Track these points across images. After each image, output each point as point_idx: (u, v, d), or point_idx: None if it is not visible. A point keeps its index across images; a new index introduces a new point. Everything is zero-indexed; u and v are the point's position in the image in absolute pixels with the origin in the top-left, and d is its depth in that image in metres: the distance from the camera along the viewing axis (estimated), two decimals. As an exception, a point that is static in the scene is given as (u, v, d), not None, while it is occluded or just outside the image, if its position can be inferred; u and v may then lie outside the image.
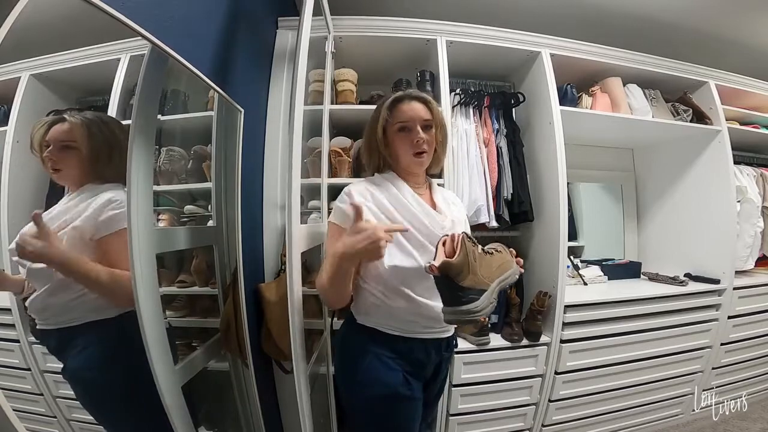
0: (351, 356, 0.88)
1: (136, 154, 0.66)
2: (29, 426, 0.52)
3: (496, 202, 1.50)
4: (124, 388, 0.68)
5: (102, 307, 0.63)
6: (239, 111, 1.07)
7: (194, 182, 1.01)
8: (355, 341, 0.88)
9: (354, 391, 0.86)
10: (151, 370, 0.68)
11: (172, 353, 0.81)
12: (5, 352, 0.57)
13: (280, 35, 1.49)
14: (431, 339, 0.88)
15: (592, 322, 1.52)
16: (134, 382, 0.69)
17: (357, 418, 0.88)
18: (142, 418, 0.73)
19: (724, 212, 1.77)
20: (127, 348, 0.68)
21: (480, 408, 1.44)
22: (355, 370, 0.85)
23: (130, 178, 0.65)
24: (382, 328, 0.86)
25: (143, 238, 0.67)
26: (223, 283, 1.05)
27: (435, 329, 0.87)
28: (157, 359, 0.69)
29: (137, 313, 0.65)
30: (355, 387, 0.85)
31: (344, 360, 0.90)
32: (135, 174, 0.66)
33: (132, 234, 0.65)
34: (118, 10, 0.57)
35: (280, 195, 1.38)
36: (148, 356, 0.67)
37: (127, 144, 0.65)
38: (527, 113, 1.67)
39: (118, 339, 0.67)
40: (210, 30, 0.99)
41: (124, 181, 0.65)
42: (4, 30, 0.43)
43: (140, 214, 0.67)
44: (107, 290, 0.63)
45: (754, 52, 2.20)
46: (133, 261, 0.65)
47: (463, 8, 1.85)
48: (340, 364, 0.92)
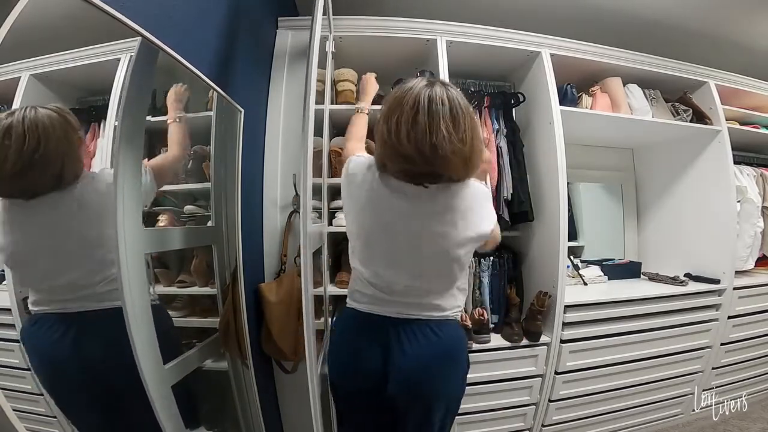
0: (467, 357, 0.93)
1: (124, 155, 0.65)
2: (29, 426, 0.52)
3: (496, 202, 1.50)
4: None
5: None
6: (239, 111, 1.07)
7: (194, 182, 1.01)
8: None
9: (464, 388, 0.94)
10: (138, 368, 0.67)
11: (174, 352, 0.82)
12: (5, 352, 0.57)
13: (280, 35, 1.49)
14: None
15: (592, 322, 1.52)
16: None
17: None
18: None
19: (724, 212, 1.77)
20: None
21: (480, 408, 1.44)
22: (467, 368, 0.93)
23: (117, 178, 0.64)
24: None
25: (130, 238, 0.66)
26: (222, 283, 1.05)
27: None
28: (144, 358, 0.69)
29: (123, 312, 0.65)
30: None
31: (465, 360, 0.92)
32: (122, 174, 0.65)
33: (119, 234, 0.64)
34: (118, 10, 0.57)
35: (280, 195, 1.38)
36: (134, 355, 0.66)
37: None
38: (527, 113, 1.67)
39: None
40: (210, 30, 0.99)
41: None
42: (4, 30, 0.43)
43: (126, 214, 0.66)
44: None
45: (754, 52, 2.21)
46: (119, 260, 0.64)
47: (462, 8, 1.85)
48: (465, 378, 0.93)
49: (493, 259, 1.56)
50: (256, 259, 1.32)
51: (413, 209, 0.81)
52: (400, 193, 0.81)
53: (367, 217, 0.85)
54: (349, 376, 0.89)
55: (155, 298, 0.84)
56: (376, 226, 0.84)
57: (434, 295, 0.86)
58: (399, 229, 0.82)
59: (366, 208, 0.85)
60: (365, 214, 0.85)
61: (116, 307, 0.64)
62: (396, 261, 0.84)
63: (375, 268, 0.86)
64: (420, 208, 0.81)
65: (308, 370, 0.80)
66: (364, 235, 0.87)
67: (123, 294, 0.65)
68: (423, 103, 0.71)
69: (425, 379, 0.83)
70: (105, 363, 0.66)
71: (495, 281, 1.56)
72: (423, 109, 0.71)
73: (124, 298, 0.65)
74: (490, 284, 1.55)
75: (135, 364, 0.67)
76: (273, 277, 1.35)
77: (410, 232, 0.82)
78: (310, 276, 0.81)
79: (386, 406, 0.86)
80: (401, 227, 0.82)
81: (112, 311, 0.64)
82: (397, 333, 0.84)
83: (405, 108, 0.72)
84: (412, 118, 0.71)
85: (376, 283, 0.86)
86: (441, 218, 0.81)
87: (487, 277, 1.54)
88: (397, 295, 0.85)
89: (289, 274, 1.31)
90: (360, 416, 0.94)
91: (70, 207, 0.60)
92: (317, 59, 0.84)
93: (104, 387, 0.67)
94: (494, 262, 1.56)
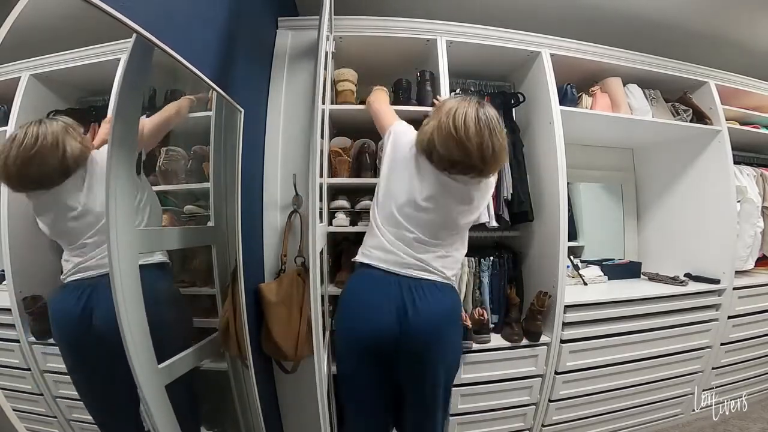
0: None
1: (116, 156, 0.65)
2: (29, 426, 0.52)
3: (496, 202, 1.50)
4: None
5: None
6: (239, 111, 1.07)
7: (194, 182, 1.01)
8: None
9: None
10: (131, 368, 0.67)
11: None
12: (5, 352, 0.57)
13: (280, 35, 1.49)
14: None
15: (592, 322, 1.52)
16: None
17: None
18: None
19: (724, 212, 1.77)
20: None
21: (480, 408, 1.44)
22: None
23: (109, 180, 0.63)
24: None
25: (122, 238, 0.66)
26: (222, 283, 1.05)
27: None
28: (137, 357, 0.68)
29: (116, 312, 0.65)
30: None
31: (461, 322, 1.08)
32: (115, 176, 0.64)
33: (110, 234, 0.64)
34: (118, 10, 0.57)
35: (280, 195, 1.38)
36: (127, 355, 0.66)
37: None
38: (527, 113, 1.67)
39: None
40: (210, 30, 0.99)
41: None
42: (4, 30, 0.43)
43: (119, 215, 0.66)
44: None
45: (754, 52, 2.20)
46: (111, 261, 0.64)
47: (462, 8, 1.85)
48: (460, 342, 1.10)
49: (493, 259, 1.56)
50: (256, 259, 1.32)
51: (443, 189, 0.97)
52: (433, 174, 0.97)
53: (399, 181, 1.00)
54: (364, 331, 0.94)
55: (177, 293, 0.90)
56: (405, 193, 0.99)
57: (441, 260, 0.99)
58: (426, 202, 0.97)
59: (403, 172, 1.00)
60: (399, 176, 1.01)
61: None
62: (417, 225, 0.98)
63: (396, 229, 0.99)
64: (448, 191, 0.97)
65: (316, 366, 0.81)
66: (392, 196, 1.00)
67: (115, 293, 0.64)
68: (482, 114, 0.91)
69: (435, 334, 0.93)
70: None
71: (495, 281, 1.56)
72: (482, 117, 0.90)
73: (117, 298, 0.64)
74: (490, 284, 1.55)
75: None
76: (273, 277, 1.34)
77: (435, 205, 0.97)
78: (318, 276, 0.82)
79: (391, 378, 0.98)
80: (430, 201, 0.97)
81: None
82: (410, 291, 0.94)
83: (470, 111, 0.90)
84: (476, 118, 0.89)
85: (394, 242, 0.98)
86: (462, 200, 0.99)
87: (487, 277, 1.54)
88: (411, 256, 0.97)
89: (289, 274, 1.31)
90: (363, 393, 1.00)
91: (81, 187, 0.67)
92: (325, 59, 0.85)
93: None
94: (494, 262, 1.56)
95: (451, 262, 1.02)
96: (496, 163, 0.94)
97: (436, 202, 0.97)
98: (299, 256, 1.35)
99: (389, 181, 1.02)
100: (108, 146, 0.64)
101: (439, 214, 0.98)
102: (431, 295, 0.94)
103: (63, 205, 0.66)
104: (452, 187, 0.97)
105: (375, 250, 1.00)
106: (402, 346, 0.92)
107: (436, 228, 0.98)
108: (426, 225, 0.98)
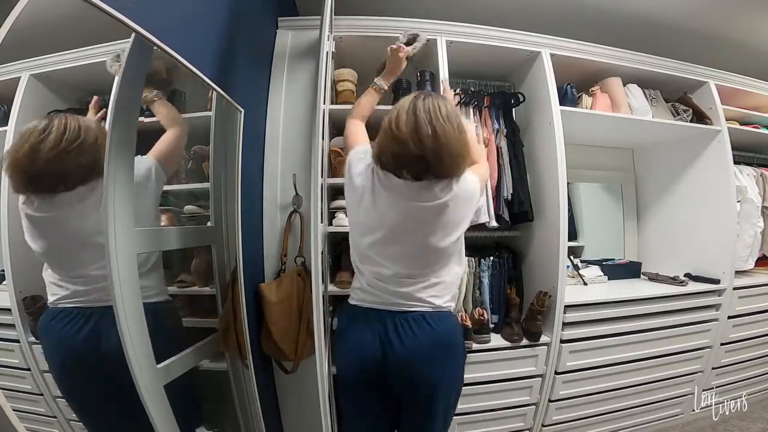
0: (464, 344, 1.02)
1: (114, 156, 0.64)
2: (29, 426, 0.52)
3: (496, 202, 1.50)
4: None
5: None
6: (239, 111, 1.07)
7: (194, 182, 1.01)
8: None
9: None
10: (129, 368, 0.67)
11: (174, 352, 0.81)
12: (5, 352, 0.57)
13: (280, 35, 1.49)
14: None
15: (592, 322, 1.52)
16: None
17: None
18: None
19: (724, 212, 1.77)
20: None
21: (480, 408, 1.44)
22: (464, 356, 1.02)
23: (107, 181, 0.63)
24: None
25: (121, 238, 0.66)
26: (222, 283, 1.05)
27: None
28: (136, 357, 0.69)
29: (114, 312, 0.64)
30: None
31: (461, 346, 0.99)
32: (112, 176, 0.64)
33: (109, 234, 0.64)
34: (118, 10, 0.57)
35: (280, 195, 1.38)
36: (125, 354, 0.66)
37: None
38: (527, 113, 1.67)
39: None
40: (210, 30, 0.99)
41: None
42: (4, 30, 0.43)
43: (117, 215, 0.66)
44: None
45: (754, 52, 2.20)
46: (109, 261, 0.64)
47: (463, 8, 1.85)
48: (462, 366, 1.01)
49: (493, 259, 1.56)
50: (256, 259, 1.32)
51: (408, 211, 0.88)
52: (394, 192, 0.89)
53: (363, 213, 0.92)
54: (353, 368, 0.94)
55: (167, 297, 0.88)
56: (370, 228, 0.92)
57: (429, 289, 0.92)
58: (394, 232, 0.89)
59: (363, 201, 0.92)
60: (362, 207, 0.92)
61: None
62: (391, 260, 0.91)
63: (372, 267, 0.93)
64: (417, 213, 0.88)
65: (317, 366, 0.80)
66: (360, 232, 0.95)
67: (114, 293, 0.64)
68: (419, 103, 0.85)
69: (424, 365, 0.89)
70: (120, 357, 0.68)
71: (495, 281, 1.55)
72: (419, 106, 0.84)
73: (115, 298, 0.65)
74: (490, 284, 1.55)
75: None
76: (273, 277, 1.34)
77: (404, 233, 0.89)
78: (320, 276, 0.83)
79: (389, 396, 0.94)
80: (398, 230, 0.89)
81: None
82: (395, 325, 0.90)
83: (404, 104, 0.86)
84: (409, 108, 0.84)
85: (373, 281, 0.94)
86: (433, 219, 0.89)
87: (487, 277, 1.54)
88: (392, 294, 0.92)
89: (289, 274, 1.31)
90: (362, 411, 0.97)
91: (93, 200, 0.63)
92: (326, 59, 0.85)
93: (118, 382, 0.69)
94: (494, 262, 1.56)
95: (442, 289, 0.93)
96: (445, 150, 0.81)
97: (403, 229, 0.88)
98: (299, 256, 1.35)
99: (356, 215, 0.95)
100: (108, 146, 0.63)
101: (412, 243, 0.89)
102: (418, 328, 0.88)
103: (72, 223, 0.62)
104: (418, 208, 0.87)
105: (359, 291, 0.98)
106: (391, 378, 0.90)
107: (413, 260, 0.91)
108: (401, 258, 0.90)
